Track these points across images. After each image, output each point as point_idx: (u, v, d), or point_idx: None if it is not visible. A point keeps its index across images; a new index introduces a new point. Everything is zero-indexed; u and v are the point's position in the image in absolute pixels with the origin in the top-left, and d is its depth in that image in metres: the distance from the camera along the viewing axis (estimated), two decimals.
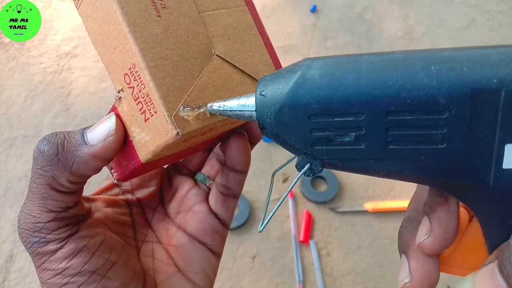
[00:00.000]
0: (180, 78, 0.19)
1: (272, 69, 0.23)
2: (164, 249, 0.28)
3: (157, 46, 0.19)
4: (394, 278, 0.66)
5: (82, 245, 0.22)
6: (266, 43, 0.23)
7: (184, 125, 0.19)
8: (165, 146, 0.20)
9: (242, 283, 0.65)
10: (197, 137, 0.21)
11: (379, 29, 0.94)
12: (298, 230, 0.69)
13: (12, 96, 0.79)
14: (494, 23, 0.97)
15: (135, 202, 0.29)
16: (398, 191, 0.73)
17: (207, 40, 0.21)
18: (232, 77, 0.21)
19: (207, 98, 0.20)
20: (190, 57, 0.20)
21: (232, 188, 0.28)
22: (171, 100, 0.19)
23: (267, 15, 0.93)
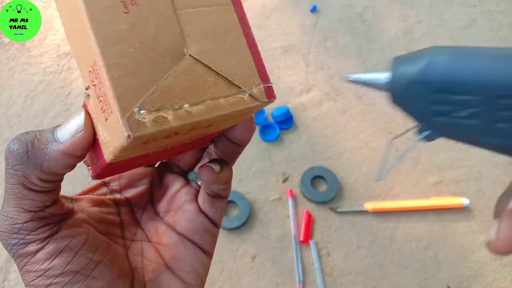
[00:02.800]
0: (142, 78, 0.18)
1: (254, 73, 0.21)
2: (154, 247, 0.27)
3: (120, 44, 0.18)
4: (394, 278, 0.66)
5: (64, 245, 0.22)
6: (250, 45, 0.22)
7: (137, 128, 0.17)
8: (122, 148, 0.19)
9: (242, 283, 0.65)
10: (164, 140, 0.20)
11: (379, 29, 0.94)
12: (298, 230, 0.69)
13: (12, 96, 0.79)
14: (494, 23, 0.97)
15: (123, 202, 0.28)
16: (398, 191, 0.73)
17: (180, 39, 0.20)
18: (205, 79, 0.20)
19: (171, 101, 0.19)
20: (157, 56, 0.19)
21: (218, 193, 0.27)
22: (127, 101, 0.18)
23: (267, 15, 0.93)
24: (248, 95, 0.21)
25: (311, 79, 0.85)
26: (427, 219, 0.71)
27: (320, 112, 0.81)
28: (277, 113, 0.77)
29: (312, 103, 0.82)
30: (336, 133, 0.79)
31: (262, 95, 0.21)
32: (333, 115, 0.81)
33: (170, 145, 0.22)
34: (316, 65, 0.87)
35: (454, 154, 0.78)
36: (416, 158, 0.77)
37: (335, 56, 0.89)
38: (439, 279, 0.67)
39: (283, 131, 0.78)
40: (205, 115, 0.19)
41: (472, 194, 0.74)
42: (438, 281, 0.66)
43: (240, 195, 0.70)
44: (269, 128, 0.78)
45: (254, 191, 0.72)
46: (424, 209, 0.71)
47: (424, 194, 0.73)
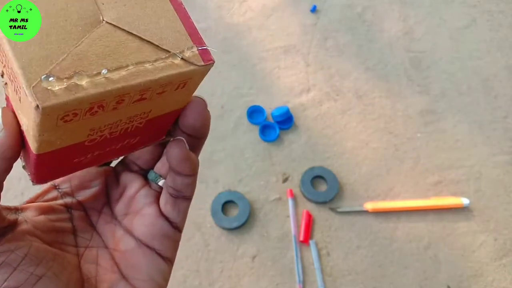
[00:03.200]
0: (51, 47, 0.16)
1: (184, 36, 0.19)
2: (110, 254, 0.26)
3: None
4: (394, 278, 0.66)
5: (0, 261, 0.20)
6: (177, 9, 0.20)
7: (46, 97, 0.16)
8: (39, 127, 0.17)
9: (242, 283, 0.65)
10: (91, 119, 0.18)
11: (379, 29, 0.94)
12: (298, 230, 0.69)
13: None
14: (494, 23, 0.97)
15: (76, 205, 0.26)
16: (398, 191, 0.73)
17: (93, 6, 0.18)
18: (126, 45, 0.18)
19: (86, 67, 0.17)
20: (67, 25, 0.17)
21: (181, 191, 0.25)
22: (34, 71, 0.16)
23: (267, 15, 0.93)
24: (181, 59, 0.19)
25: (311, 79, 0.85)
26: (427, 219, 0.71)
27: (320, 112, 0.81)
28: (277, 113, 0.77)
29: (312, 103, 0.82)
30: (336, 133, 0.79)
31: (198, 58, 0.19)
32: (333, 115, 0.81)
33: (106, 131, 0.20)
34: (316, 65, 0.87)
35: (454, 154, 0.78)
36: (416, 158, 0.77)
37: (335, 56, 0.89)
38: (439, 279, 0.67)
39: (283, 131, 0.78)
40: (128, 81, 0.17)
41: (472, 194, 0.74)
42: (438, 281, 0.66)
43: (240, 195, 0.70)
44: (269, 128, 0.78)
45: (254, 191, 0.72)
46: (424, 209, 0.71)
47: (424, 194, 0.73)
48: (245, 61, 0.87)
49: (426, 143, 0.79)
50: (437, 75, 0.88)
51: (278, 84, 0.84)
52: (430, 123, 0.82)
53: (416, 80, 0.87)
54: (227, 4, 0.94)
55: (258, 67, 0.86)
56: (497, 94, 0.86)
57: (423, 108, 0.83)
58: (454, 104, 0.84)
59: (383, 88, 0.85)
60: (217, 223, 0.68)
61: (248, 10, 0.94)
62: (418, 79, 0.87)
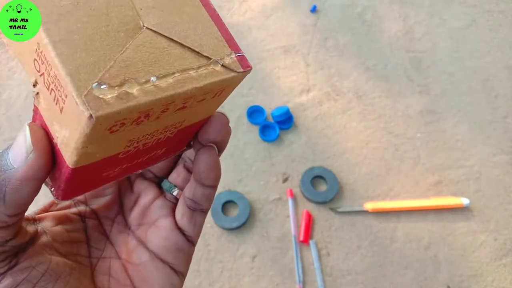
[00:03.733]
0: (96, 53, 0.16)
1: (222, 42, 0.19)
2: (123, 266, 0.25)
3: (65, 19, 0.16)
4: (394, 278, 0.66)
5: (21, 278, 0.20)
6: (212, 15, 0.20)
7: (99, 106, 0.15)
8: (85, 139, 0.16)
9: (242, 283, 0.65)
10: (134, 128, 0.18)
11: (379, 29, 0.94)
12: (298, 230, 0.69)
13: (12, 96, 0.79)
14: (494, 23, 0.97)
15: (89, 214, 0.26)
16: (398, 191, 0.73)
17: (133, 12, 0.18)
18: (169, 52, 0.18)
19: (134, 75, 0.16)
20: (109, 30, 0.17)
21: (200, 203, 0.25)
22: (83, 78, 0.15)
23: (267, 15, 0.93)
24: (221, 66, 0.19)
25: (311, 79, 0.85)
26: (427, 219, 0.71)
27: (320, 112, 0.81)
28: (277, 113, 0.77)
29: (312, 103, 0.82)
30: (336, 133, 0.79)
31: (237, 65, 0.19)
32: (333, 115, 0.81)
33: (142, 141, 0.20)
34: (316, 65, 0.87)
35: (454, 154, 0.78)
36: (416, 158, 0.77)
37: (335, 56, 0.89)
38: (439, 279, 0.67)
39: (283, 131, 0.78)
40: (176, 88, 0.17)
41: (472, 194, 0.74)
42: (438, 281, 0.66)
43: (240, 195, 0.70)
44: (269, 128, 0.78)
45: (254, 191, 0.72)
46: (424, 209, 0.71)
47: (424, 194, 0.73)
48: None
49: (426, 143, 0.79)
50: (437, 75, 0.88)
51: (278, 84, 0.84)
52: (430, 123, 0.82)
53: (416, 80, 0.87)
54: (227, 4, 0.94)
55: (258, 67, 0.86)
56: (497, 94, 0.86)
57: (423, 108, 0.83)
58: (454, 104, 0.84)
59: (383, 88, 0.85)
60: (217, 223, 0.68)
61: (248, 10, 0.94)
62: (418, 79, 0.87)
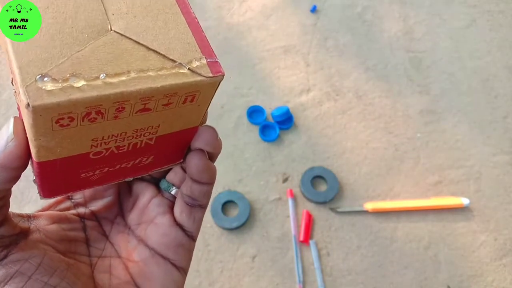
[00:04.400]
0: (53, 50, 0.16)
1: (194, 47, 0.19)
2: (123, 264, 0.25)
3: None
4: (394, 278, 0.66)
5: (14, 270, 0.20)
6: (190, 22, 0.20)
7: (38, 96, 0.15)
8: (33, 129, 0.16)
9: (242, 283, 0.65)
10: (89, 126, 0.18)
11: (379, 29, 0.94)
12: (298, 230, 0.69)
13: (12, 96, 0.79)
14: (494, 23, 0.97)
15: (88, 216, 0.26)
16: (398, 191, 0.73)
17: (103, 16, 0.18)
18: (131, 53, 0.18)
19: (85, 71, 0.16)
20: (73, 31, 0.17)
21: (198, 199, 0.25)
22: (31, 71, 0.16)
23: (267, 15, 0.93)
24: (187, 69, 0.18)
25: (311, 79, 0.85)
26: (427, 219, 0.71)
27: (320, 112, 0.81)
28: (277, 113, 0.77)
29: (312, 103, 0.82)
30: (336, 133, 0.79)
31: (206, 70, 0.19)
32: (333, 115, 0.81)
33: (112, 143, 0.20)
34: (316, 65, 0.87)
35: (454, 154, 0.78)
36: (416, 158, 0.77)
37: (335, 56, 0.89)
38: (439, 279, 0.67)
39: (283, 131, 0.78)
40: (127, 86, 0.17)
41: (472, 194, 0.74)
42: (438, 281, 0.66)
43: (240, 195, 0.70)
44: (269, 128, 0.78)
45: (254, 191, 0.72)
46: (424, 209, 0.71)
47: (424, 194, 0.73)
48: (245, 61, 0.87)
49: (426, 143, 0.79)
50: (437, 75, 0.88)
51: (278, 84, 0.84)
52: (430, 123, 0.82)
53: (416, 80, 0.87)
54: (227, 4, 0.94)
55: (258, 67, 0.86)
56: (497, 94, 0.86)
57: (423, 108, 0.83)
58: (454, 104, 0.84)
59: (383, 88, 0.85)
60: (217, 223, 0.68)
61: (248, 10, 0.94)
62: (418, 79, 0.87)
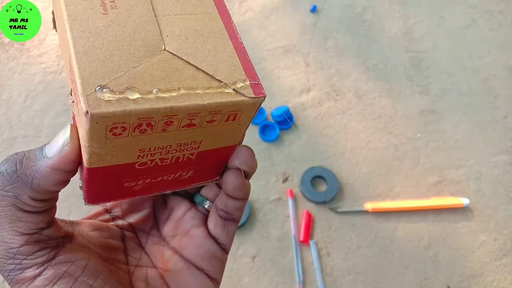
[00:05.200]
0: (112, 65, 0.18)
1: (239, 70, 0.20)
2: (159, 274, 0.26)
3: (94, 37, 0.18)
4: (394, 278, 0.66)
5: (62, 271, 0.21)
6: (236, 47, 0.21)
7: (97, 105, 0.17)
8: (88, 136, 0.17)
9: (242, 283, 0.65)
10: (141, 138, 0.19)
11: (379, 29, 0.94)
12: (298, 230, 0.69)
13: (12, 96, 0.79)
14: (494, 23, 0.97)
15: (126, 227, 0.28)
16: (398, 191, 0.73)
17: (158, 37, 0.20)
18: (181, 71, 0.19)
19: (140, 85, 0.18)
20: (130, 49, 0.18)
21: (232, 213, 0.26)
22: (91, 82, 0.17)
23: (267, 15, 0.93)
24: (232, 90, 0.19)
25: (311, 79, 0.85)
26: (427, 219, 0.71)
27: (320, 112, 0.81)
28: (277, 113, 0.77)
29: (312, 103, 0.82)
30: (336, 133, 0.79)
31: (249, 91, 0.20)
32: (333, 115, 0.81)
33: (157, 155, 0.21)
34: (316, 65, 0.87)
35: (454, 154, 0.78)
36: (416, 158, 0.77)
37: (335, 56, 0.89)
38: (439, 279, 0.67)
39: (283, 131, 0.78)
40: (177, 102, 0.18)
41: (472, 194, 0.74)
42: (438, 281, 0.66)
43: None
44: (269, 128, 0.78)
45: (254, 191, 0.72)
46: (424, 209, 0.71)
47: (424, 194, 0.73)
48: None
49: (426, 143, 0.79)
50: (437, 75, 0.88)
51: (278, 84, 0.84)
52: (430, 123, 0.82)
53: (416, 80, 0.87)
54: (227, 4, 0.94)
55: (258, 67, 0.86)
56: (497, 94, 0.86)
57: (423, 108, 0.83)
58: (454, 104, 0.84)
59: (383, 88, 0.85)
60: None
61: (248, 10, 0.94)
62: (418, 79, 0.87)
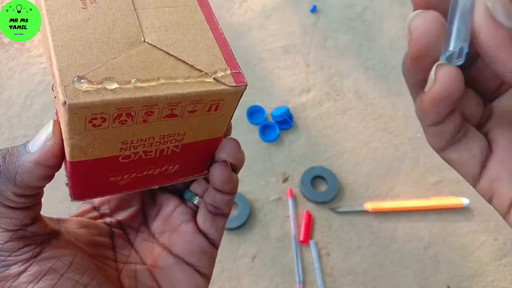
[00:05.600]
0: (91, 57, 0.18)
1: (220, 59, 0.20)
2: (148, 270, 0.26)
3: (73, 30, 0.18)
4: (394, 278, 0.66)
5: (48, 267, 0.21)
6: (217, 37, 0.21)
7: (75, 95, 0.17)
8: (68, 127, 0.18)
9: (242, 283, 0.65)
10: (119, 128, 0.19)
11: (379, 29, 0.94)
12: (298, 230, 0.69)
13: (12, 96, 0.79)
14: None
15: (115, 224, 0.27)
16: (398, 191, 0.73)
17: (137, 29, 0.20)
18: (161, 62, 0.19)
19: (118, 76, 0.18)
20: (109, 41, 0.19)
21: (221, 208, 0.26)
22: (69, 74, 0.17)
23: (267, 15, 0.93)
24: (212, 79, 0.20)
25: (311, 79, 0.85)
26: (427, 219, 0.71)
27: (320, 112, 0.81)
28: (277, 113, 0.77)
29: (312, 103, 0.82)
30: (336, 133, 0.79)
31: (230, 80, 0.20)
32: (333, 115, 0.81)
33: (140, 148, 0.21)
34: (316, 65, 0.87)
35: None
36: (416, 158, 0.77)
37: (335, 56, 0.89)
38: (439, 279, 0.67)
39: (283, 131, 0.78)
40: (156, 91, 0.18)
41: (472, 194, 0.74)
42: (438, 281, 0.66)
43: (240, 195, 0.70)
44: (269, 128, 0.78)
45: (254, 191, 0.72)
46: (424, 209, 0.71)
47: (424, 194, 0.73)
48: (245, 61, 0.87)
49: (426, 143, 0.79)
50: None
51: (278, 84, 0.84)
52: None
53: None
54: (227, 4, 0.94)
55: (258, 67, 0.86)
56: None
57: None
58: None
59: (383, 88, 0.85)
60: None
61: (248, 10, 0.94)
62: None
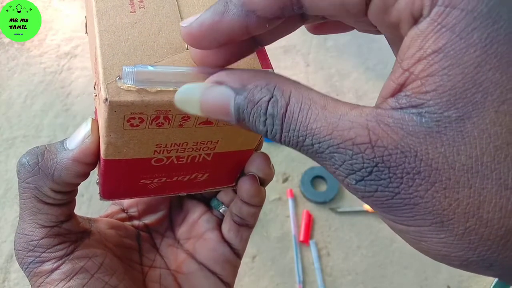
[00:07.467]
0: (135, 58, 0.18)
1: (257, 67, 0.21)
2: (172, 275, 0.26)
3: (120, 32, 0.19)
4: (394, 278, 0.66)
5: (80, 266, 0.21)
6: (257, 50, 0.22)
7: (116, 93, 0.17)
8: (106, 124, 0.18)
9: (242, 283, 0.65)
10: (155, 131, 0.19)
11: None
12: (298, 230, 0.69)
13: (12, 96, 0.79)
14: None
15: (142, 228, 0.28)
16: None
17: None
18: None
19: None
20: (154, 46, 0.19)
21: (246, 219, 0.26)
22: (113, 73, 0.17)
23: None
24: None
25: (311, 79, 0.85)
26: None
27: None
28: None
29: None
30: None
31: None
32: None
33: (173, 152, 0.21)
34: (316, 65, 0.87)
35: None
36: None
37: (335, 56, 0.89)
38: (439, 279, 0.67)
39: None
40: None
41: None
42: (438, 281, 0.66)
43: None
44: None
45: None
46: None
47: None
48: None
49: None
50: None
51: None
52: None
53: None
54: None
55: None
56: None
57: None
58: None
59: None
60: None
61: None
62: None
